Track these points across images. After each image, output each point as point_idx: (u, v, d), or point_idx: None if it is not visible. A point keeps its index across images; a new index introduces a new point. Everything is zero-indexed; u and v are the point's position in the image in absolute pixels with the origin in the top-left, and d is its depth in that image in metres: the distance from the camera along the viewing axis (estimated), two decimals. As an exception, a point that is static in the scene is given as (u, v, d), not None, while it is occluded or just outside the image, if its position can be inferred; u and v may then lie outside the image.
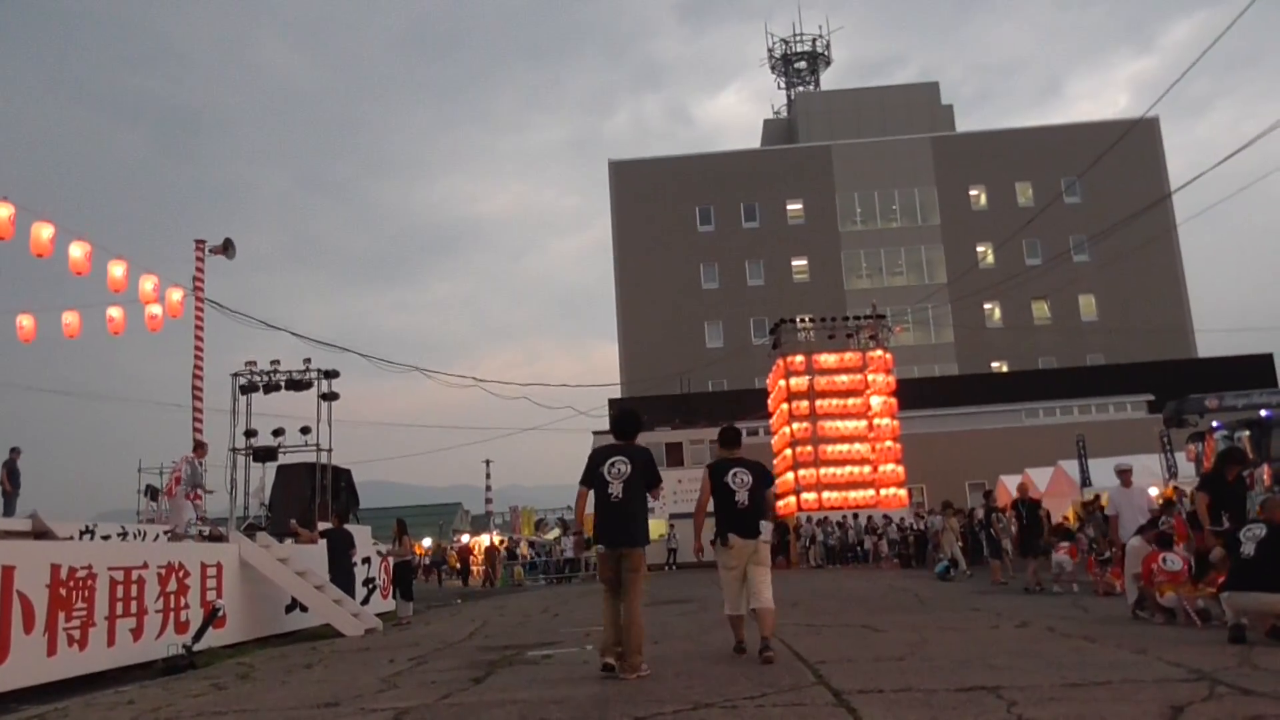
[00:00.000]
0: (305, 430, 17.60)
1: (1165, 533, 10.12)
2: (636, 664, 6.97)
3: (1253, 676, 5.82)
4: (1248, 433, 20.19)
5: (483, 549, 38.26)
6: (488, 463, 54.52)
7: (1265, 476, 18.04)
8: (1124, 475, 12.38)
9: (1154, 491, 24.96)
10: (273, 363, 17.74)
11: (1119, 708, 4.97)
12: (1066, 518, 25.75)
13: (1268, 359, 46.24)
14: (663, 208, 54.83)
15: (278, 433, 17.86)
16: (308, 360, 17.88)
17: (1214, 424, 22.11)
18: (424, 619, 15.78)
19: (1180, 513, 12.66)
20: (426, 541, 46.61)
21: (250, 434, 17.74)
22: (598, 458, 7.35)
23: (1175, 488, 23.14)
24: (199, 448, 14.36)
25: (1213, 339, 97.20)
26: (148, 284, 15.04)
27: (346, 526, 15.09)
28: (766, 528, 7.77)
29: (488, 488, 51.88)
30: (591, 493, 7.35)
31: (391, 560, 16.92)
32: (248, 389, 17.72)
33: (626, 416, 7.73)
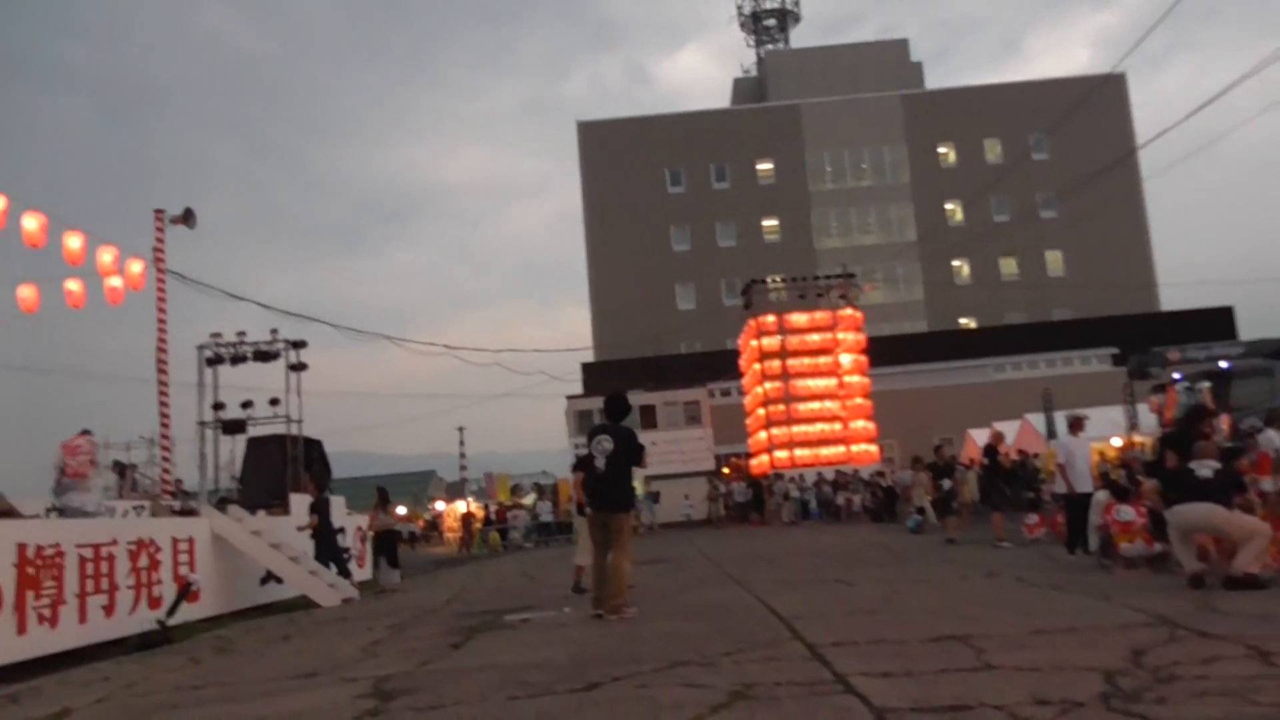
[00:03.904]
0: (274, 402, 17.40)
1: (1123, 486, 10.31)
2: (617, 606, 8.11)
3: (1210, 620, 5.98)
4: (1208, 384, 20.54)
5: (458, 516, 38.31)
6: (461, 430, 54.42)
7: (1224, 426, 18.39)
8: (1075, 424, 12.56)
9: (1117, 443, 25.47)
10: (239, 334, 17.49)
11: (1085, 653, 5.09)
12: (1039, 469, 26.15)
13: (1228, 312, 46.98)
14: (632, 169, 54.49)
15: (246, 405, 17.65)
16: (274, 331, 17.63)
17: (1175, 376, 22.47)
18: (400, 587, 15.81)
19: (1139, 462, 12.87)
20: (401, 510, 46.57)
21: (218, 407, 17.53)
22: (590, 435, 8.61)
23: (1133, 441, 23.57)
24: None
25: (1176, 293, 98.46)
26: (106, 256, 14.74)
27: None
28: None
29: (462, 455, 51.73)
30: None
31: (373, 529, 16.91)
32: (214, 361, 17.47)
33: (615, 400, 8.73)
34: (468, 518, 35.01)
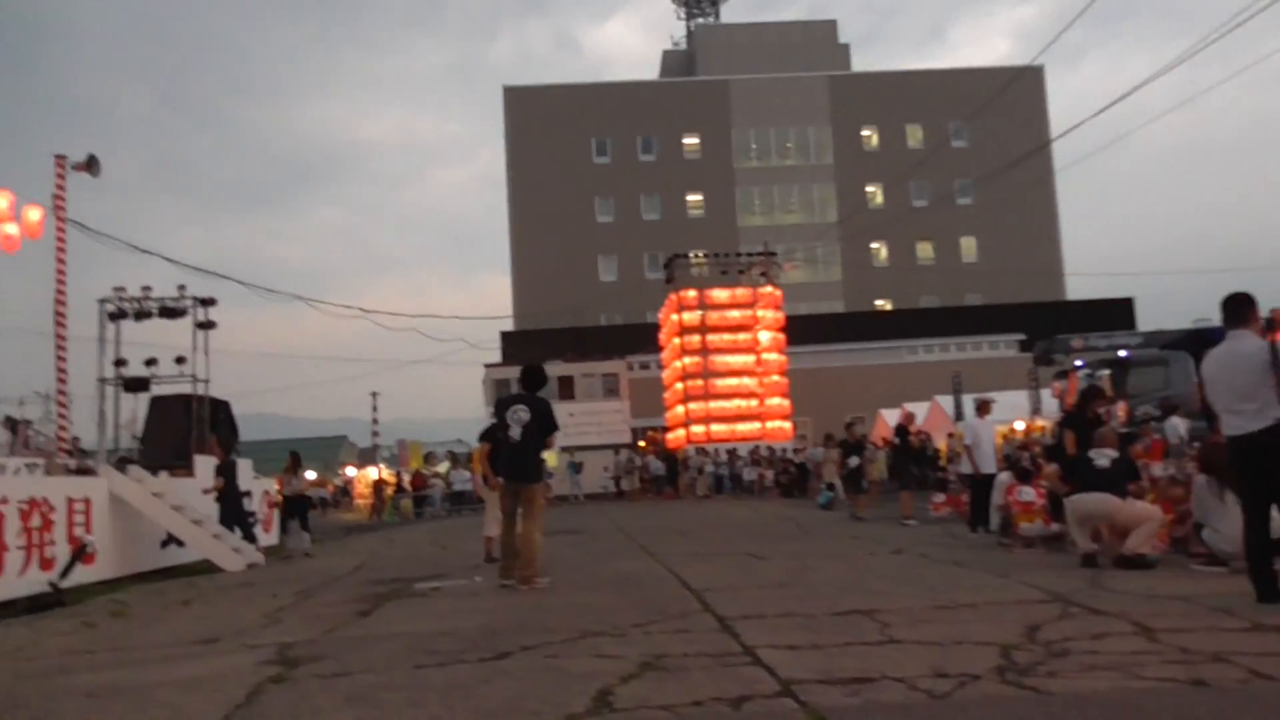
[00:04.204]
0: (180, 360, 16.82)
1: (1025, 468, 10.68)
2: (530, 575, 8.10)
3: (1101, 598, 6.24)
4: (1108, 372, 21.43)
5: (369, 482, 37.78)
6: (375, 395, 53.55)
7: (1121, 412, 19.20)
8: (982, 406, 12.96)
9: (1020, 425, 26.37)
10: (144, 289, 16.83)
11: (983, 627, 5.26)
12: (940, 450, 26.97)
13: (1129, 303, 48.94)
14: (558, 137, 53.97)
15: (150, 362, 17.01)
16: (182, 287, 17.01)
17: (1078, 363, 23.36)
18: (310, 550, 15.52)
19: (1040, 446, 13.35)
20: (311, 475, 45.67)
21: (120, 363, 16.87)
22: (502, 405, 8.48)
23: (1036, 425, 24.41)
24: None
25: (1082, 282, 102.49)
26: (1, 201, 14.02)
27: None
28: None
29: (374, 420, 50.95)
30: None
31: (283, 493, 16.53)
32: (117, 316, 16.78)
33: (532, 371, 8.75)
34: (379, 484, 34.54)
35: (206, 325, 16.94)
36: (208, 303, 17.01)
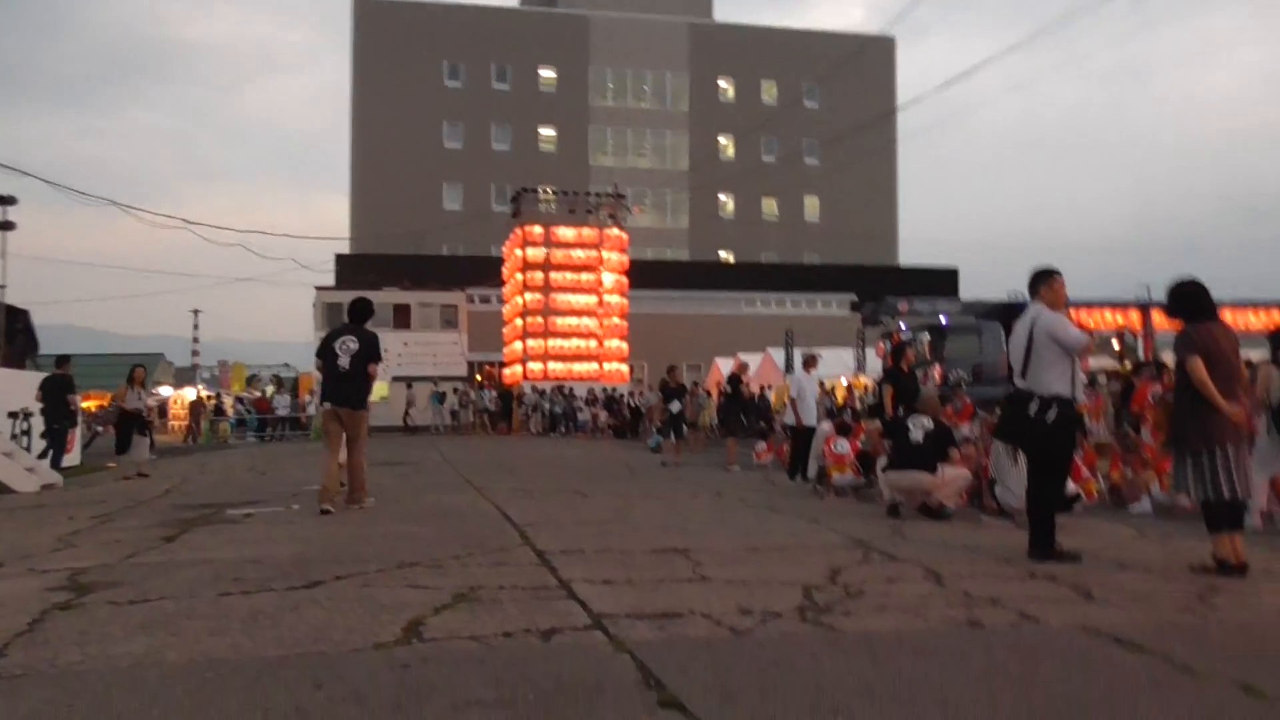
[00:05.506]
0: (-28, 260, 15.41)
1: (845, 422, 11.22)
2: (360, 498, 8.58)
3: (899, 545, 6.66)
4: (928, 336, 22.65)
5: (186, 403, 35.90)
6: (196, 313, 50.70)
7: (937, 375, 20.41)
8: (809, 361, 13.49)
9: (845, 382, 27.66)
10: (-69, 177, 15.27)
11: (789, 569, 5.53)
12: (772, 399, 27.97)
13: (954, 272, 51.83)
14: (409, 56, 51.80)
15: (-64, 260, 15.52)
16: (-24, 179, 15.53)
17: (902, 326, 24.58)
18: (113, 475, 14.66)
19: (859, 403, 14.05)
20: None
21: (-100, 258, 15.30)
22: (332, 335, 8.88)
23: (866, 384, 25.64)
24: None
25: (913, 249, 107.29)
26: None
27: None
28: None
29: (195, 339, 48.32)
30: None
31: (125, 407, 15.46)
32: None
33: (359, 303, 9.21)
34: (196, 406, 32.89)
35: (5, 226, 15.56)
36: (7, 201, 15.61)
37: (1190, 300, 5.85)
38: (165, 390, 48.30)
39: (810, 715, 2.89)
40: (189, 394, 38.82)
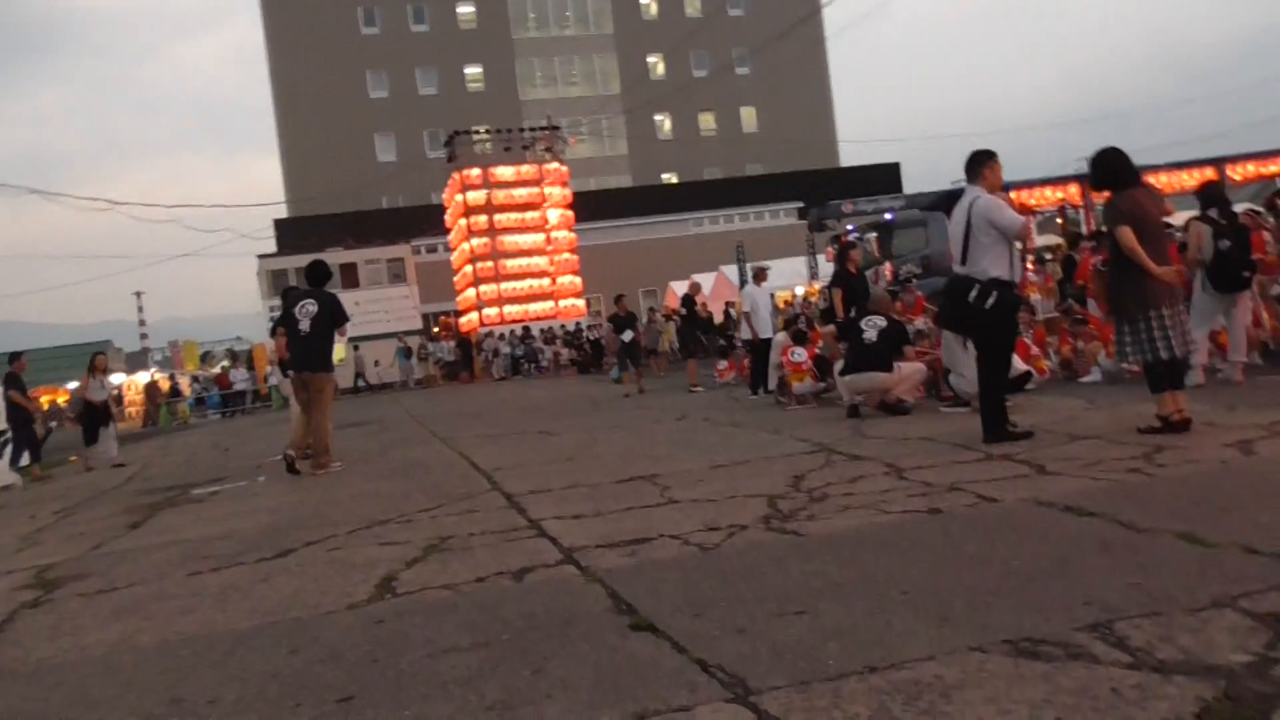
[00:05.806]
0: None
1: (801, 330, 11.29)
2: (325, 462, 8.57)
3: (861, 445, 6.78)
4: (875, 234, 22.76)
5: (140, 388, 35.31)
6: (139, 295, 49.53)
7: (888, 273, 20.57)
8: (759, 274, 13.52)
9: (800, 291, 27.79)
10: None
11: (754, 481, 5.62)
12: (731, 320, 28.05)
13: (896, 167, 51.82)
14: (322, 4, 50.05)
15: None
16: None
17: (849, 227, 24.66)
18: (75, 468, 14.47)
19: (814, 309, 14.14)
20: (73, 385, 42.10)
21: None
22: (291, 301, 8.91)
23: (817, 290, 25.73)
24: None
25: (854, 149, 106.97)
26: None
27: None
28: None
29: (141, 322, 47.31)
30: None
31: (88, 399, 15.12)
32: None
33: (316, 266, 9.16)
34: (152, 389, 32.39)
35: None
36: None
37: (1111, 169, 5.90)
38: (118, 377, 47.42)
39: (778, 619, 2.96)
40: (142, 378, 38.14)
